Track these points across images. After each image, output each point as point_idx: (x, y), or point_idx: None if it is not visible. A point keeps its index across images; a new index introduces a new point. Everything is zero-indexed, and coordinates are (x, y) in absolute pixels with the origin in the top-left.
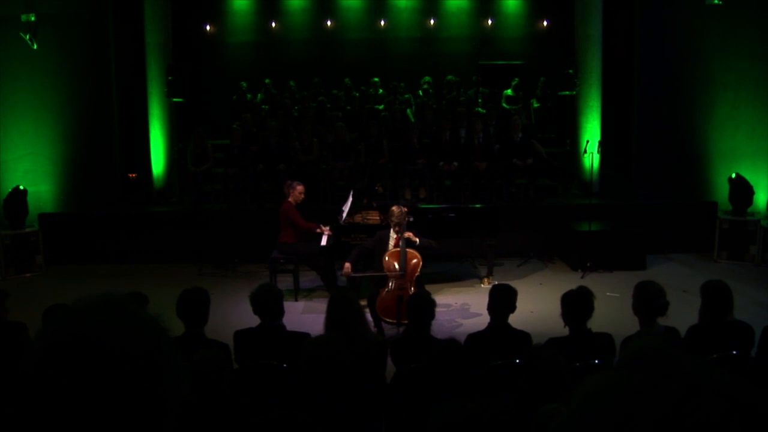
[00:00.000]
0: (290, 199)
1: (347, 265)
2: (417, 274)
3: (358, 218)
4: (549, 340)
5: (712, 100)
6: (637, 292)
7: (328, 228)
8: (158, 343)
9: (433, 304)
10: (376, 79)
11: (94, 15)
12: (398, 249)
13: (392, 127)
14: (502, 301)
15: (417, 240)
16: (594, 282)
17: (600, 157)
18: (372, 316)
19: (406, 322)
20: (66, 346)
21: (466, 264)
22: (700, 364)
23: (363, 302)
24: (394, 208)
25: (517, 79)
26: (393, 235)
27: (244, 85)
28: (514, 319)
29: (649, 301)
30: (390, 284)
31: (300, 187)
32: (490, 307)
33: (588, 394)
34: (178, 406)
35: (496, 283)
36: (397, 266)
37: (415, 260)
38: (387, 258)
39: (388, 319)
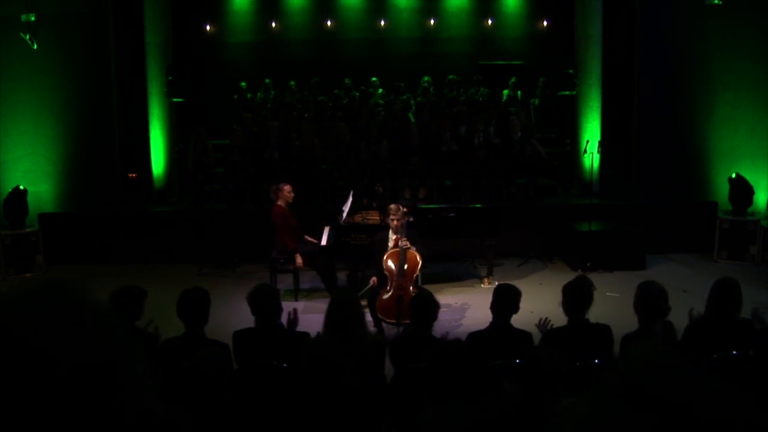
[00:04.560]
0: (280, 202)
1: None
2: (416, 274)
3: (358, 218)
4: (548, 332)
5: (712, 100)
6: (640, 293)
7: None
8: (111, 347)
9: (436, 305)
10: (374, 79)
11: (94, 15)
12: (397, 249)
13: (392, 127)
14: (506, 301)
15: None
16: (594, 282)
17: (600, 157)
18: (372, 316)
19: (405, 322)
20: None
21: (466, 264)
22: (684, 390)
23: (363, 302)
24: (392, 205)
25: (514, 78)
26: (392, 236)
27: (244, 85)
28: (514, 319)
29: (650, 302)
30: (389, 285)
31: (287, 187)
32: (494, 306)
33: (571, 426)
34: (140, 415)
35: (498, 283)
36: (393, 267)
37: (414, 260)
38: (386, 259)
39: (388, 320)
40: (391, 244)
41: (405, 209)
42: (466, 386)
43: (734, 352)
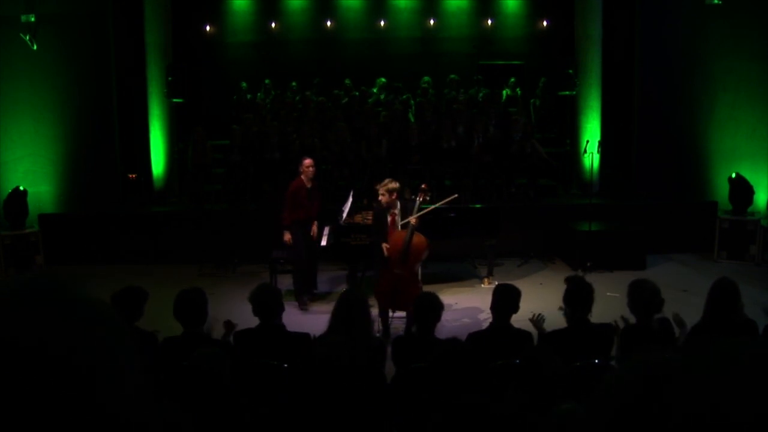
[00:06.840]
0: (302, 177)
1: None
2: (421, 259)
3: (358, 218)
4: (548, 333)
5: (712, 100)
6: (632, 291)
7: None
8: (87, 338)
9: (440, 307)
10: (383, 80)
11: (94, 15)
12: (404, 233)
13: (392, 127)
14: (506, 301)
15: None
16: (594, 282)
17: (600, 157)
18: (378, 305)
19: (397, 313)
20: None
21: (466, 264)
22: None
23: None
24: (387, 182)
25: (513, 78)
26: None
27: (245, 85)
28: (514, 319)
29: (643, 299)
30: (390, 269)
31: (307, 161)
32: (494, 307)
33: None
34: (130, 413)
35: (498, 283)
36: (396, 251)
37: (419, 245)
38: (392, 239)
39: (382, 305)
40: (389, 218)
41: (424, 185)
42: (469, 386)
43: None
